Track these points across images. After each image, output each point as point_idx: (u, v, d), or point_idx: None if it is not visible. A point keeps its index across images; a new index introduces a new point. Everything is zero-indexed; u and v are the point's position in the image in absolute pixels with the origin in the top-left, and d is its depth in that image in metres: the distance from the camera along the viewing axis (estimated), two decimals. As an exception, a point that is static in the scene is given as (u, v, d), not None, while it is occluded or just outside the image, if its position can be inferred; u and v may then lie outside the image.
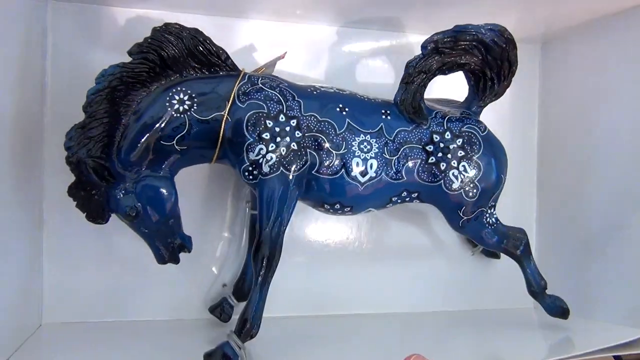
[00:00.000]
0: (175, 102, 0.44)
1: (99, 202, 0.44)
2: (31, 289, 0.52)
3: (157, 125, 0.44)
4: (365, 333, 0.56)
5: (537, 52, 0.66)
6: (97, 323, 0.55)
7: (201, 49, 0.45)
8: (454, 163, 0.48)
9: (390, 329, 0.58)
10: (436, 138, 0.48)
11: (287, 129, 0.45)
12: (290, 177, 0.45)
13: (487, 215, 0.50)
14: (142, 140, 0.44)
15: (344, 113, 0.47)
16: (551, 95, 0.65)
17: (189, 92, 0.45)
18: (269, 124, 0.45)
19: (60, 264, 0.54)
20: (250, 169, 0.45)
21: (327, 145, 0.46)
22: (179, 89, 0.45)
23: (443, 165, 0.48)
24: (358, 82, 0.60)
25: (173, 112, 0.44)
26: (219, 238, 0.57)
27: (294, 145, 0.45)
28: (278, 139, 0.45)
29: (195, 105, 0.44)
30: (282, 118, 0.45)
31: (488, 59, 0.48)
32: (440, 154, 0.48)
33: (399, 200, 0.49)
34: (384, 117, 0.48)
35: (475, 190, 0.48)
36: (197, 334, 0.53)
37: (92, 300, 0.55)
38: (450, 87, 0.53)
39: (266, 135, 0.44)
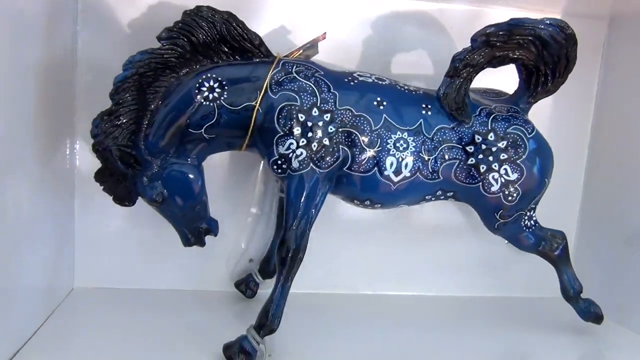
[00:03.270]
0: (205, 89, 0.42)
1: (126, 187, 0.44)
2: (64, 254, 0.53)
3: (186, 113, 0.42)
4: (386, 314, 0.56)
5: (604, 30, 0.60)
6: (125, 290, 0.56)
7: (234, 34, 0.42)
8: (495, 166, 0.45)
9: (411, 311, 0.57)
10: (478, 139, 0.45)
11: (320, 123, 0.43)
12: (320, 173, 0.43)
13: (526, 218, 0.48)
14: (170, 128, 0.43)
15: (381, 107, 0.44)
16: (614, 78, 0.60)
17: (219, 79, 0.42)
18: (301, 117, 0.42)
19: (92, 231, 0.54)
20: (280, 162, 0.43)
21: (361, 142, 0.43)
22: (209, 75, 0.42)
23: (483, 168, 0.45)
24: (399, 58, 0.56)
25: (202, 100, 0.42)
26: (247, 214, 0.57)
27: (326, 141, 0.43)
28: (310, 134, 0.42)
29: (225, 93, 0.42)
30: (315, 112, 0.43)
31: (544, 55, 0.44)
32: (481, 156, 0.45)
33: (432, 199, 0.47)
34: (423, 112, 0.45)
35: (515, 194, 0.46)
36: (221, 307, 0.54)
37: (122, 267, 0.56)
38: (498, 77, 0.49)
39: (297, 130, 0.42)
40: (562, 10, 0.58)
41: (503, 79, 0.49)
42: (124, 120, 0.41)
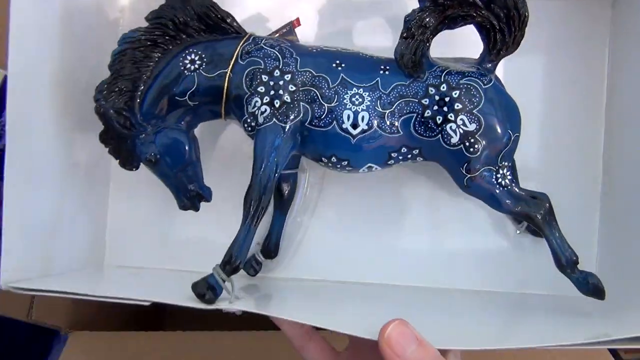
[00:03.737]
0: (187, 62, 0.50)
1: (127, 149, 0.51)
2: (97, 233, 0.61)
3: (172, 82, 0.50)
4: (391, 303, 0.56)
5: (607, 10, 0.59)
6: (154, 269, 0.62)
7: (208, 13, 0.50)
8: (450, 116, 0.46)
9: (418, 303, 0.56)
10: (431, 91, 0.47)
11: (281, 82, 0.48)
12: (283, 127, 0.48)
13: (499, 176, 0.47)
14: (160, 96, 0.50)
15: (340, 68, 0.48)
16: (623, 62, 0.57)
17: (199, 52, 0.50)
18: (264, 78, 0.48)
19: (124, 211, 0.62)
20: (249, 120, 0.48)
21: (319, 97, 0.48)
22: (190, 50, 0.50)
23: (439, 119, 0.46)
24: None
25: (185, 71, 0.50)
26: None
27: (287, 98, 0.48)
28: (272, 92, 0.48)
29: (204, 64, 0.50)
30: (277, 73, 0.48)
31: (493, 9, 0.45)
32: (435, 107, 0.46)
33: (400, 157, 0.49)
34: (381, 72, 0.48)
35: (477, 146, 0.46)
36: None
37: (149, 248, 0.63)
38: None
39: (261, 89, 0.48)
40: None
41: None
42: (120, 87, 0.50)
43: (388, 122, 0.47)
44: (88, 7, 0.57)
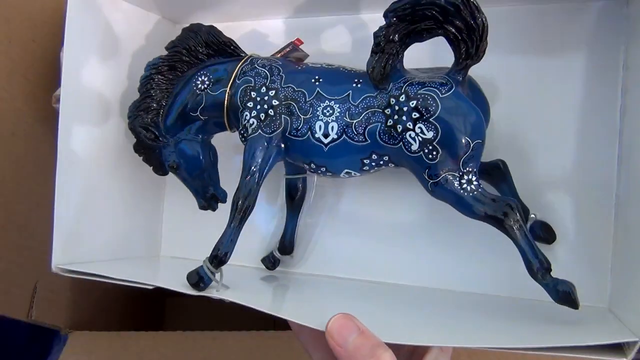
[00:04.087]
0: (199, 82, 0.59)
1: (156, 158, 0.62)
2: (154, 228, 0.73)
3: (187, 100, 0.59)
4: (395, 302, 0.59)
5: (622, 12, 0.56)
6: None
7: (214, 40, 0.58)
8: (409, 125, 0.49)
9: (410, 301, 0.58)
10: (392, 101, 0.50)
11: (266, 98, 0.54)
12: (267, 138, 0.54)
13: (463, 181, 0.48)
14: (179, 112, 0.60)
15: (317, 83, 0.53)
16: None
17: (207, 74, 0.59)
18: (253, 94, 0.55)
19: (178, 208, 0.74)
20: (242, 132, 0.56)
21: (297, 110, 0.53)
22: (201, 72, 0.59)
23: (399, 127, 0.49)
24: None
25: (197, 90, 0.59)
26: (274, 205, 0.69)
27: (270, 112, 0.54)
28: (258, 107, 0.54)
29: (210, 84, 0.58)
30: (263, 90, 0.55)
31: (452, 22, 0.47)
32: (396, 117, 0.49)
33: (373, 164, 0.53)
34: (354, 85, 0.52)
35: (435, 152, 0.48)
36: (252, 278, 0.65)
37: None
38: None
39: (250, 104, 0.55)
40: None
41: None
42: (148, 106, 0.60)
43: (356, 132, 0.51)
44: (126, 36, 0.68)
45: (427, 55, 0.58)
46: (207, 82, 0.58)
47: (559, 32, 0.58)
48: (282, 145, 0.55)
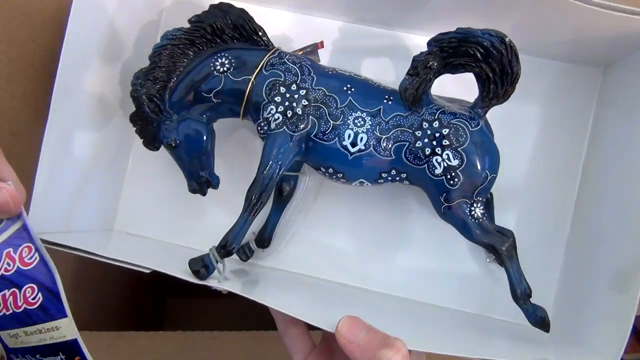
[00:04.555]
0: (218, 64, 0.56)
1: (152, 131, 0.58)
2: (111, 202, 0.68)
3: (201, 79, 0.57)
4: (366, 305, 0.62)
5: (598, 77, 0.65)
6: (157, 241, 0.69)
7: (244, 24, 0.56)
8: (438, 150, 0.52)
9: (392, 309, 0.62)
10: (425, 125, 0.53)
11: (296, 96, 0.54)
12: (291, 136, 0.54)
13: (473, 208, 0.53)
14: (189, 90, 0.57)
15: (349, 92, 0.55)
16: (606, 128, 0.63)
17: (230, 57, 0.57)
18: (282, 90, 0.54)
19: (139, 183, 0.69)
20: (262, 124, 0.55)
21: (326, 115, 0.54)
22: (222, 54, 0.57)
23: (428, 151, 0.53)
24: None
25: (214, 71, 0.56)
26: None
27: (298, 111, 0.54)
28: (287, 103, 0.54)
29: (232, 68, 0.56)
30: (293, 87, 0.54)
31: (490, 63, 0.51)
32: (426, 140, 0.53)
33: (389, 178, 0.55)
34: (385, 101, 0.55)
35: (457, 179, 0.52)
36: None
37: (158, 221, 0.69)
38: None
39: (278, 99, 0.54)
40: (559, 57, 0.65)
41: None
42: (157, 76, 0.56)
43: (383, 146, 0.53)
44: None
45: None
46: (227, 66, 0.56)
47: (542, 83, 0.66)
48: (304, 146, 0.55)
